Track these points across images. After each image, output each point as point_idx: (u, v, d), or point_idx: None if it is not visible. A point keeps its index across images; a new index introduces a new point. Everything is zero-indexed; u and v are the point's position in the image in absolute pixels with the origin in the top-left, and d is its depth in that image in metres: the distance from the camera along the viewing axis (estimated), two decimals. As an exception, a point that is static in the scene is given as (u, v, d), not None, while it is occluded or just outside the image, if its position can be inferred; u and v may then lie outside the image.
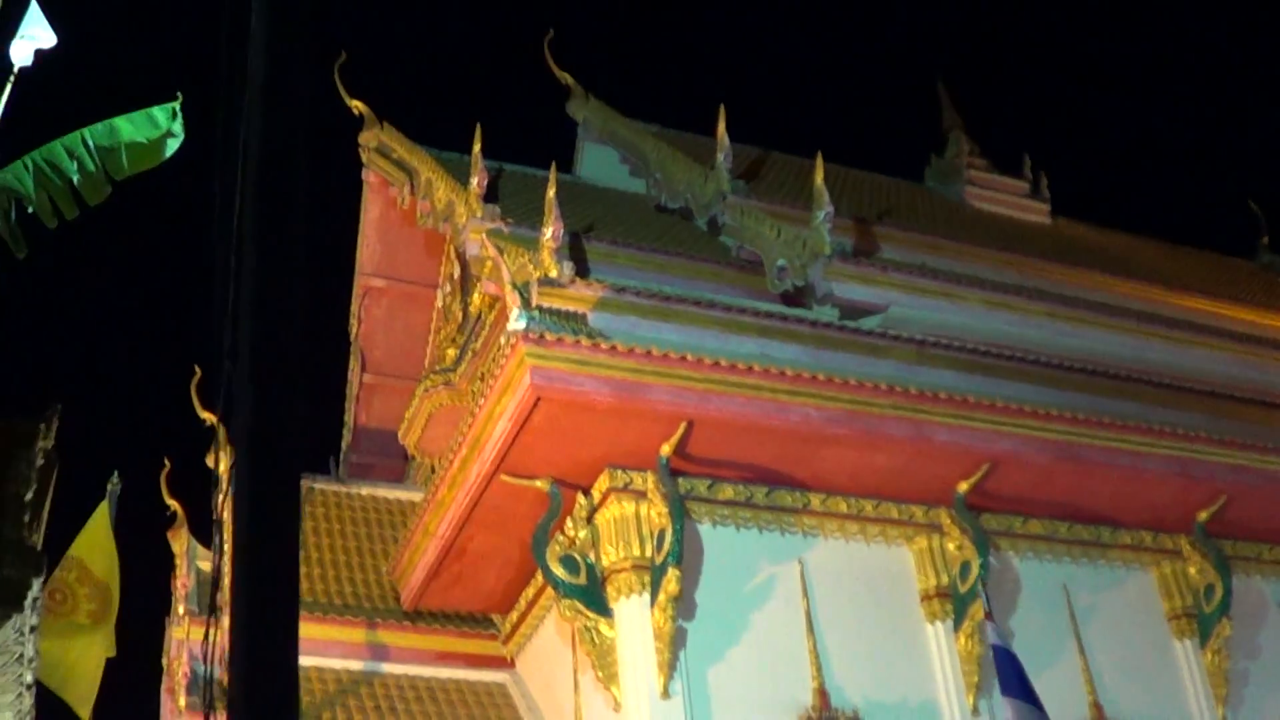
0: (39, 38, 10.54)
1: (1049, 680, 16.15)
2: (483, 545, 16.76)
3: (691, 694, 14.63)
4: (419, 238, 21.94)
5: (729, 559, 15.61)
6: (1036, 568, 16.97)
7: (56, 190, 10.67)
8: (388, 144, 21.77)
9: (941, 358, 16.70)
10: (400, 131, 21.80)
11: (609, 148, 24.11)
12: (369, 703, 17.09)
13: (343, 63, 22.45)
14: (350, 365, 23.82)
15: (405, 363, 22.88)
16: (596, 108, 24.51)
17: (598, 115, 24.42)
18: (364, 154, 22.15)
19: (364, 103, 22.39)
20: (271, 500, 4.84)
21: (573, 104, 25.03)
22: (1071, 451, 16.26)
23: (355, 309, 23.26)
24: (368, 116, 22.18)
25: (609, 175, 23.79)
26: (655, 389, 14.59)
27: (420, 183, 20.34)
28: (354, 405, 23.82)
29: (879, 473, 15.93)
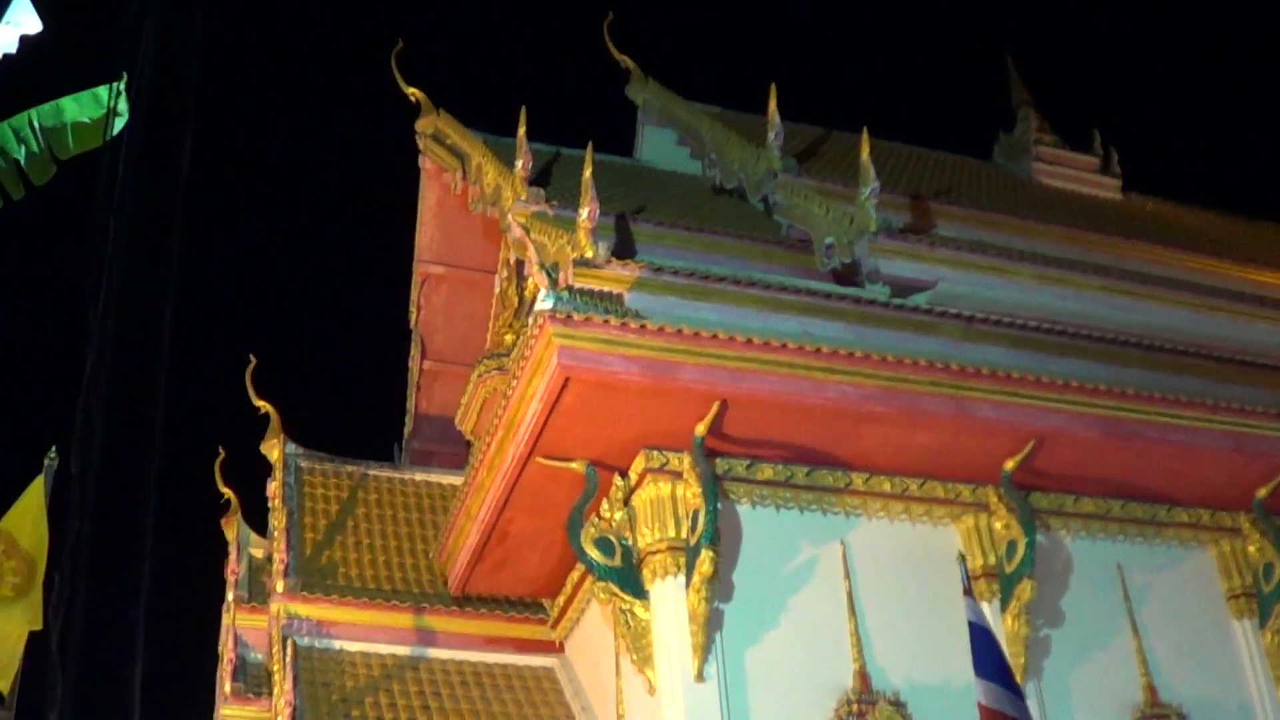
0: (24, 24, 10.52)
1: (1101, 662, 15.90)
2: (524, 528, 16.64)
3: (727, 677, 14.43)
4: (477, 224, 21.87)
5: (768, 540, 15.38)
6: (1089, 547, 16.56)
7: (3, 171, 10.65)
8: (443, 130, 21.73)
9: (989, 334, 16.35)
10: (463, 119, 21.79)
11: (668, 130, 24.00)
12: (413, 687, 17.04)
13: (400, 50, 22.41)
14: (411, 353, 23.85)
15: (466, 349, 22.82)
16: (656, 90, 24.38)
17: (657, 98, 24.29)
18: (420, 141, 22.11)
19: (423, 90, 22.33)
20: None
21: (632, 87, 24.92)
22: (1121, 428, 15.84)
23: (415, 296, 23.30)
24: (424, 103, 22.13)
25: (669, 158, 23.68)
26: (686, 368, 14.38)
27: (471, 168, 20.31)
28: (415, 393, 23.88)
29: (922, 451, 15.62)
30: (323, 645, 17.45)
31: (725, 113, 23.50)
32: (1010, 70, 28.42)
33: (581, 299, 14.74)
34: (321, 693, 16.49)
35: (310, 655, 17.20)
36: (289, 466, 20.03)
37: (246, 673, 20.81)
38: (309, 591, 17.78)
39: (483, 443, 16.34)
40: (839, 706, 14.59)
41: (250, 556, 22.02)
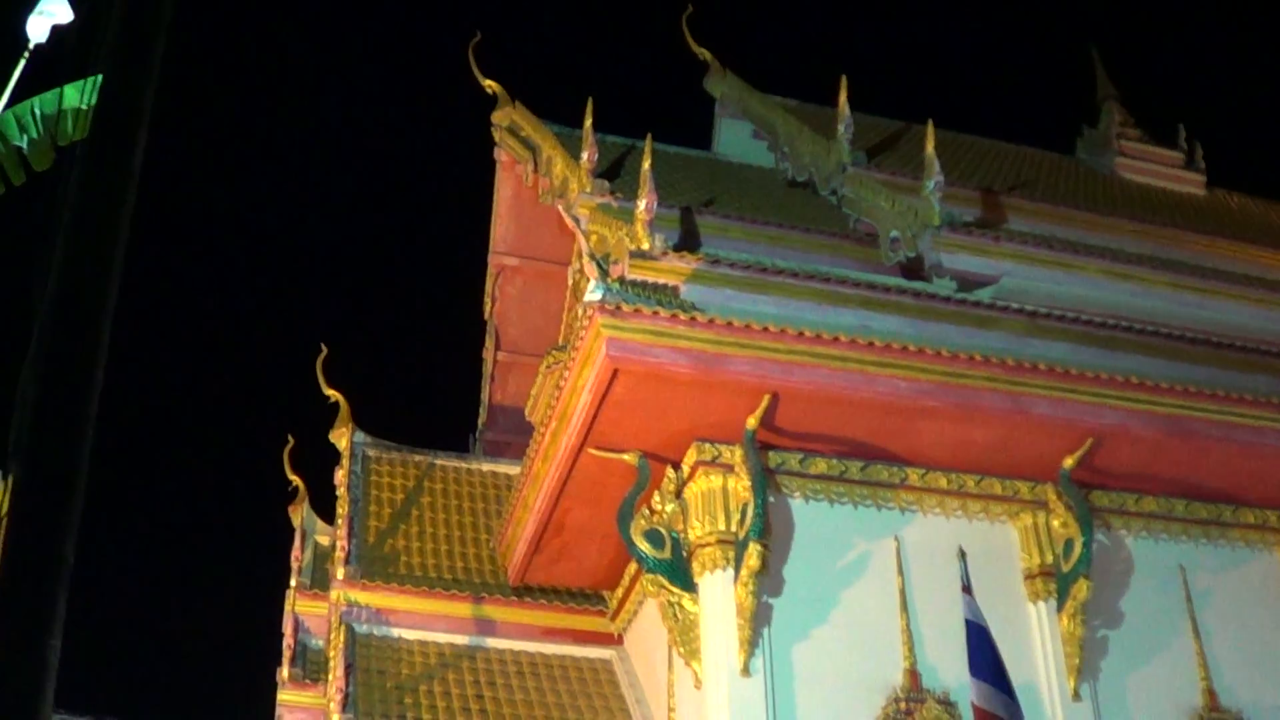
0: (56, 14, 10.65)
1: (1161, 664, 15.64)
2: (580, 520, 16.66)
3: (774, 671, 14.35)
4: (551, 215, 21.88)
5: (821, 534, 15.28)
6: (1151, 547, 16.29)
7: (6, 158, 10.77)
8: (517, 122, 21.83)
9: (1052, 329, 16.16)
10: (542, 112, 21.89)
11: (745, 122, 23.99)
12: (469, 676, 17.09)
13: (477, 43, 22.50)
14: (485, 344, 23.95)
15: (539, 340, 22.87)
16: (733, 83, 24.36)
17: (734, 90, 24.28)
18: (496, 133, 22.21)
19: (500, 82, 22.42)
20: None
21: (710, 80, 24.92)
22: (1183, 426, 15.56)
23: (490, 288, 23.40)
24: (501, 96, 22.22)
25: (745, 150, 23.68)
26: (736, 360, 14.31)
27: (542, 160, 20.39)
28: (489, 383, 24.00)
29: (979, 447, 15.45)
30: (380, 633, 17.56)
31: (800, 105, 23.44)
32: (1095, 64, 28.12)
33: (633, 291, 14.71)
34: (376, 680, 16.58)
35: (368, 642, 17.31)
36: (356, 455, 20.19)
37: (306, 659, 21.03)
38: (369, 579, 17.89)
39: (539, 433, 16.38)
40: (887, 704, 14.47)
41: (316, 543, 22.24)
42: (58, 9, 10.65)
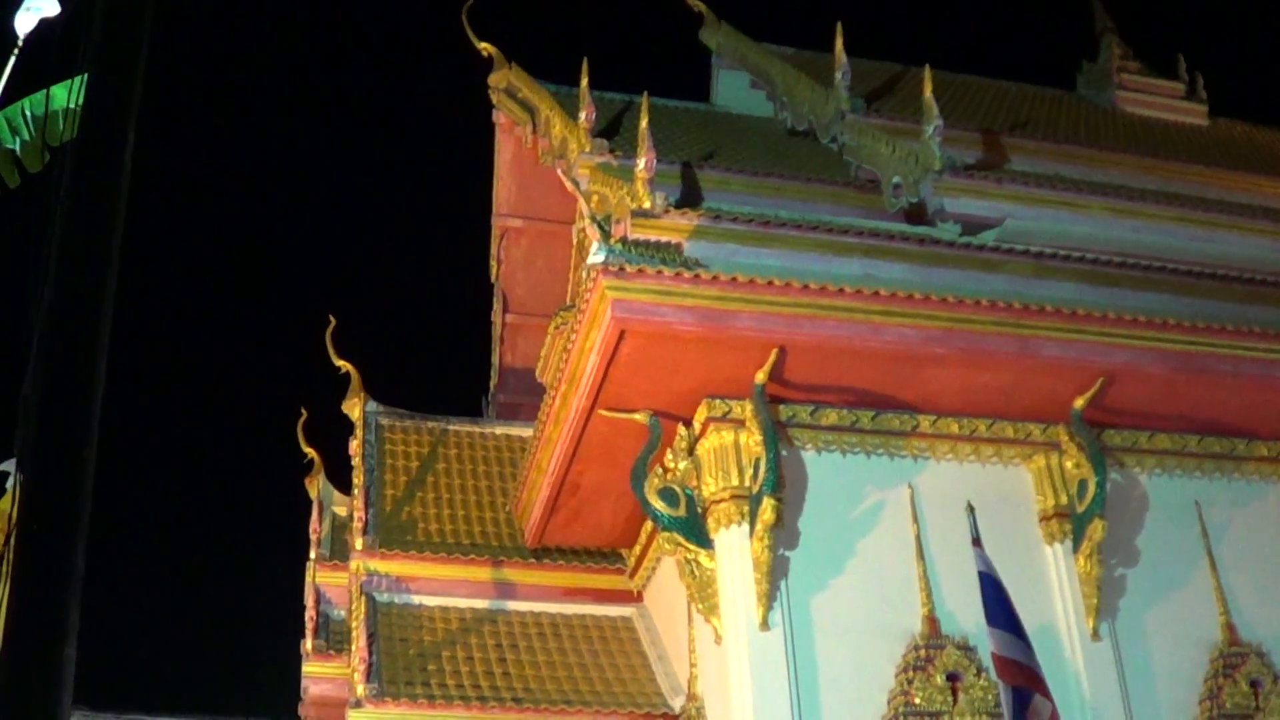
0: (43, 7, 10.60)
1: (1179, 601, 15.67)
2: (594, 480, 16.71)
3: (793, 625, 14.40)
4: (553, 175, 21.78)
5: (834, 486, 15.32)
6: (1165, 484, 16.30)
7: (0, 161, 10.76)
8: (515, 84, 21.78)
9: (1058, 270, 16.13)
10: (537, 72, 21.83)
11: (742, 73, 23.91)
12: (491, 640, 17.18)
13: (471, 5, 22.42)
14: (493, 307, 23.95)
15: (547, 301, 22.84)
16: (728, 33, 24.27)
17: (729, 41, 24.19)
18: (493, 95, 22.18)
19: (496, 44, 22.36)
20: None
21: (705, 31, 24.83)
22: (1193, 362, 15.52)
23: (495, 250, 23.39)
24: (496, 58, 22.16)
25: (743, 101, 23.59)
26: (742, 316, 14.30)
27: (540, 121, 20.35)
28: (499, 346, 24.01)
29: (989, 391, 15.44)
30: (401, 601, 17.64)
31: (797, 53, 23.36)
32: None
33: (636, 250, 14.69)
34: (399, 648, 16.67)
35: (389, 611, 17.39)
36: (370, 424, 20.24)
37: (329, 630, 21.10)
38: (388, 548, 17.96)
39: (549, 396, 16.41)
40: (907, 652, 14.52)
41: (333, 514, 22.30)
42: (44, 2, 10.59)
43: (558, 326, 20.28)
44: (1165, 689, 15.13)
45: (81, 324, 5.02)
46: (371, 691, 15.67)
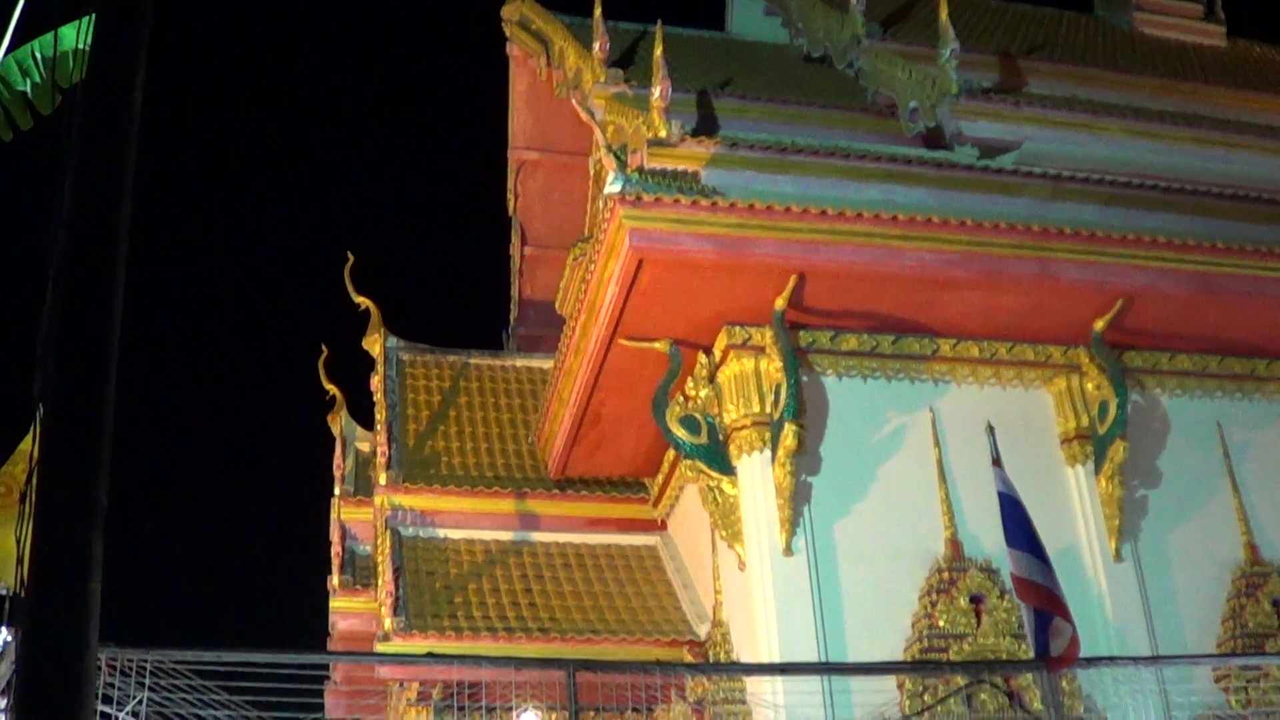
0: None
1: (1201, 521, 15.69)
2: (615, 410, 16.75)
3: (816, 550, 14.46)
4: (568, 107, 21.73)
5: (856, 411, 15.35)
6: (1186, 405, 16.29)
7: (11, 103, 10.71)
8: (528, 15, 21.71)
9: (1076, 192, 16.10)
10: (549, 4, 21.77)
11: (757, 0, 23.70)
12: (516, 571, 17.27)
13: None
14: (511, 240, 23.92)
15: (565, 233, 22.82)
16: (742, -40, 24.08)
17: (744, -35, 24.01)
18: (506, 28, 22.13)
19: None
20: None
21: (719, -41, 24.64)
22: (1213, 283, 15.47)
23: (512, 184, 23.33)
24: (509, -11, 22.09)
25: (759, 29, 23.48)
26: (760, 243, 14.30)
27: (554, 52, 20.29)
28: (518, 279, 23.99)
29: (1009, 314, 15.42)
30: (426, 534, 17.73)
31: (816, -23, 23.17)
32: (1110, -84, 27.66)
33: (654, 180, 14.67)
34: (425, 581, 16.76)
35: (414, 545, 17.48)
36: (391, 360, 20.28)
37: (355, 565, 21.23)
38: (411, 482, 18.03)
39: (569, 327, 16.43)
40: (930, 574, 14.58)
41: (357, 451, 22.38)
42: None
43: (576, 258, 20.25)
44: (1188, 609, 15.18)
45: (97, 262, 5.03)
46: (399, 625, 15.77)
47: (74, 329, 4.90)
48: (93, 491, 4.70)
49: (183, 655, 8.50)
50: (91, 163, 5.10)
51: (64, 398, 4.83)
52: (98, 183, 5.09)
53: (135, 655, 8.41)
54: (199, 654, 8.54)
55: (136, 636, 8.36)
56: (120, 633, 8.05)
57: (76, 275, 4.95)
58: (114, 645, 8.25)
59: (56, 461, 4.73)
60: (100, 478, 4.74)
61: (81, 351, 4.88)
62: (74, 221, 5.03)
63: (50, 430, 4.77)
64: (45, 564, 4.65)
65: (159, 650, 8.44)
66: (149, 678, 8.42)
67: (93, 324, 4.91)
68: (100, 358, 4.88)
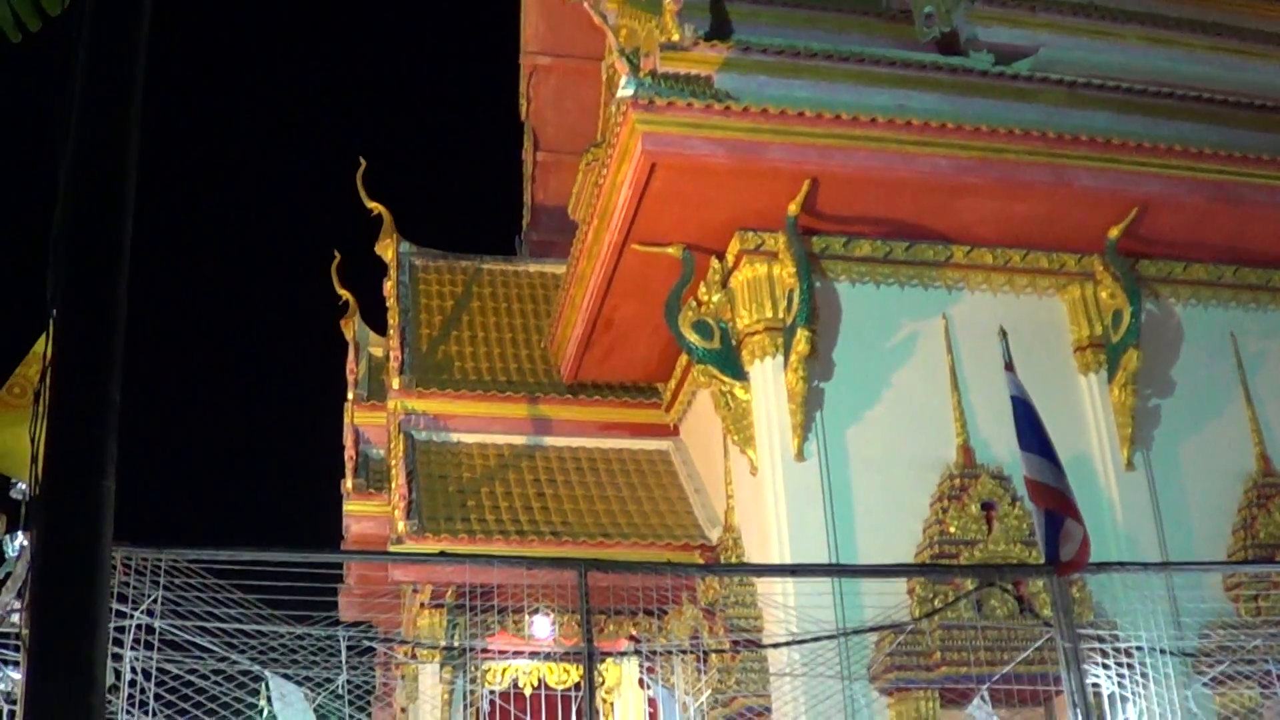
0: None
1: (1213, 431, 15.70)
2: (628, 315, 16.75)
3: (828, 455, 14.51)
4: (581, 11, 21.43)
5: (868, 316, 15.35)
6: (1200, 314, 16.26)
7: (19, 4, 10.61)
8: (539, -82, 21.52)
9: (1092, 99, 15.98)
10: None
11: (773, -100, 23.42)
12: (529, 476, 17.34)
13: None
14: (524, 145, 23.82)
15: (578, 138, 22.68)
16: None
17: None
18: (517, -70, 21.92)
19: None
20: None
21: None
22: (1228, 191, 15.41)
23: (524, 89, 23.19)
24: (519, -108, 21.90)
25: (776, -68, 23.14)
26: (773, 148, 14.27)
27: (566, -46, 20.09)
28: (530, 185, 23.90)
29: (1023, 221, 15.38)
30: (440, 439, 17.79)
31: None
32: None
33: (666, 84, 14.60)
34: (438, 485, 16.83)
35: (427, 449, 17.54)
36: (403, 265, 20.27)
37: (369, 469, 21.33)
38: (425, 387, 18.08)
39: (581, 232, 16.41)
40: (941, 481, 14.61)
41: (370, 355, 22.41)
42: None
43: (589, 163, 20.21)
44: (1199, 519, 15.22)
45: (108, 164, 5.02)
46: (412, 528, 15.86)
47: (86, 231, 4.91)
48: (106, 392, 4.72)
49: (197, 554, 8.54)
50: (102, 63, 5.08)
51: (76, 299, 4.84)
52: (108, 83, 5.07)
53: (149, 554, 8.45)
54: (213, 553, 8.58)
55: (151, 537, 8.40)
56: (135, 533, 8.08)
57: (88, 177, 4.95)
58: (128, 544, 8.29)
59: (69, 362, 4.75)
60: (113, 378, 4.75)
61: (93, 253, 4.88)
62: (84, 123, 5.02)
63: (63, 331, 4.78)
64: (59, 463, 4.67)
65: (173, 549, 8.49)
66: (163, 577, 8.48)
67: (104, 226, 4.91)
68: (112, 259, 4.89)
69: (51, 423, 4.75)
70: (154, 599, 8.56)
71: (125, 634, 8.59)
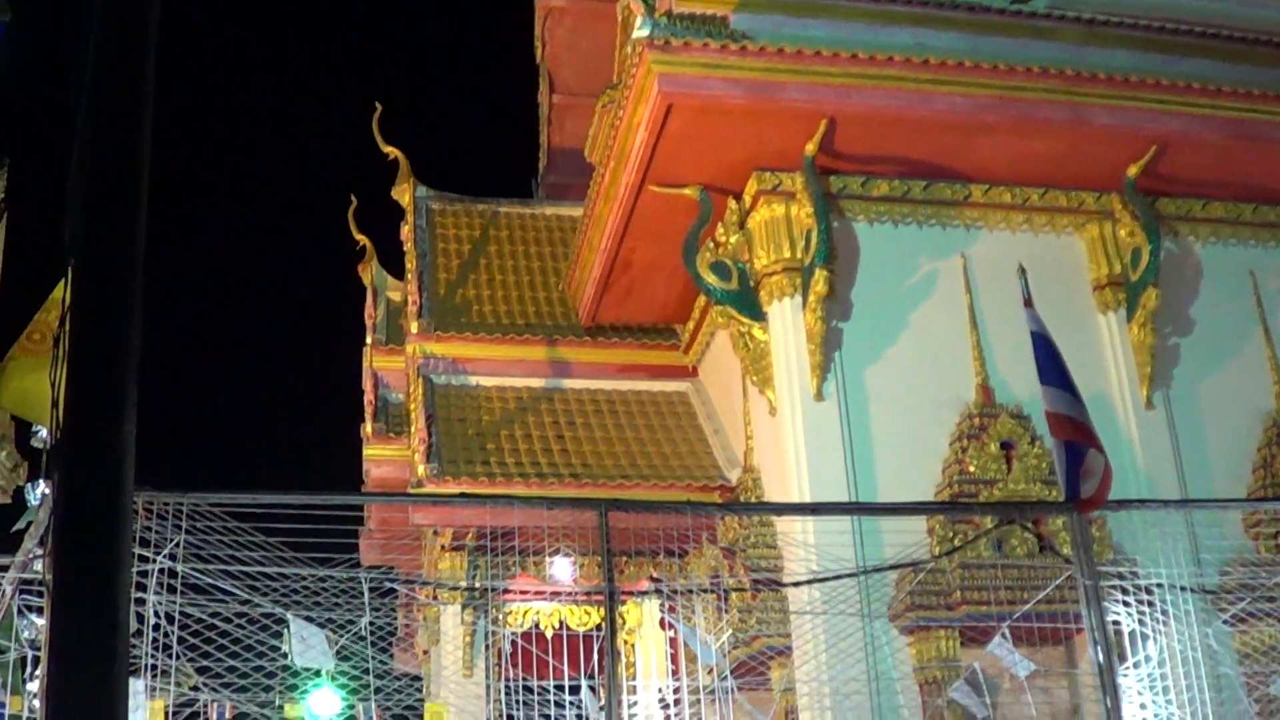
0: None
1: (1232, 369, 15.67)
2: (646, 256, 16.75)
3: (847, 395, 14.52)
4: (597, -48, 21.57)
5: (887, 256, 15.33)
6: (1219, 252, 16.20)
7: None
8: None
9: (1111, 37, 15.85)
10: None
11: None
12: (548, 418, 17.38)
13: None
14: (540, 88, 23.74)
15: (594, 80, 22.53)
16: None
17: None
18: None
19: None
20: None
21: None
22: (1248, 129, 15.31)
23: (539, 32, 23.10)
24: None
25: None
26: (790, 87, 14.22)
27: (581, -108, 20.02)
28: (546, 127, 23.82)
29: (1042, 160, 15.32)
30: (458, 382, 17.82)
31: None
32: None
33: (682, 24, 14.54)
34: (457, 428, 16.87)
35: (446, 392, 17.58)
36: (420, 209, 20.25)
37: (388, 413, 21.37)
38: (443, 330, 18.10)
39: (598, 174, 16.40)
40: (961, 420, 14.63)
41: (388, 300, 22.41)
42: None
43: (605, 105, 20.09)
44: (1218, 457, 15.21)
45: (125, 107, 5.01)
46: (432, 471, 15.91)
47: (104, 176, 4.89)
48: (126, 337, 4.72)
49: (218, 498, 8.57)
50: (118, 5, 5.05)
51: (95, 244, 4.83)
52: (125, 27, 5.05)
53: (171, 499, 8.48)
54: (235, 496, 8.60)
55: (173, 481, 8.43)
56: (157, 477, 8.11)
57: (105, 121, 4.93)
58: (150, 489, 8.31)
59: (89, 308, 4.75)
60: (133, 322, 4.75)
61: (112, 197, 4.87)
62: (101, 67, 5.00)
63: (82, 277, 4.78)
64: (80, 409, 4.67)
65: (195, 493, 8.52)
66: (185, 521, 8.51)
67: (123, 171, 4.90)
68: (130, 203, 4.88)
69: (71, 368, 4.74)
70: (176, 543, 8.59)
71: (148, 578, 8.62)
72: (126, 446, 4.68)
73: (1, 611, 9.07)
